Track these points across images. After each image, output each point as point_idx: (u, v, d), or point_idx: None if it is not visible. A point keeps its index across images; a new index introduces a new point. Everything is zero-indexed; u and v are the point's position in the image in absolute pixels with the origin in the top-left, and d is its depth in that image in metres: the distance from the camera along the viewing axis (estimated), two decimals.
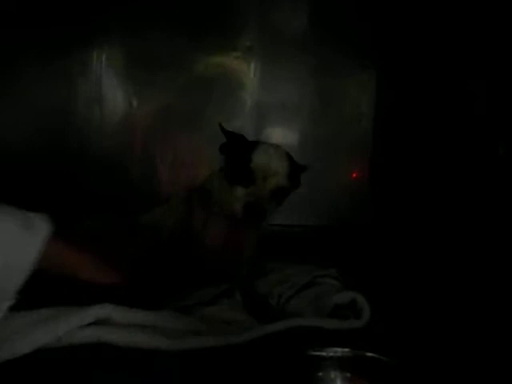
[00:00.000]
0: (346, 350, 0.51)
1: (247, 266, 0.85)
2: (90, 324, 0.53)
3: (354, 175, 1.21)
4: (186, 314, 0.65)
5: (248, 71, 1.21)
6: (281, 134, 1.24)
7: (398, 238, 0.96)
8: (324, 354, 0.52)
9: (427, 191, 0.91)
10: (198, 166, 1.20)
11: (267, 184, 0.75)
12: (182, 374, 0.49)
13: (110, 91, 1.20)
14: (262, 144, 0.80)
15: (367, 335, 0.58)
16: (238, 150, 0.80)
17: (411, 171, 1.00)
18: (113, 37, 1.19)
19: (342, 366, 0.50)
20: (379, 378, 0.49)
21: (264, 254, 0.87)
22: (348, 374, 0.49)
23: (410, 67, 1.05)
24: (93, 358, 0.51)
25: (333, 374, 0.50)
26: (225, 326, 0.64)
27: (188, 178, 1.14)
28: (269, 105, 1.22)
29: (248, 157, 0.77)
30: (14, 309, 0.53)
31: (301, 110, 1.23)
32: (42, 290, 0.56)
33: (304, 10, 1.19)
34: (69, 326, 0.52)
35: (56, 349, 0.51)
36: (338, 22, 1.18)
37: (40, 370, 0.48)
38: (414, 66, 1.04)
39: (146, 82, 1.20)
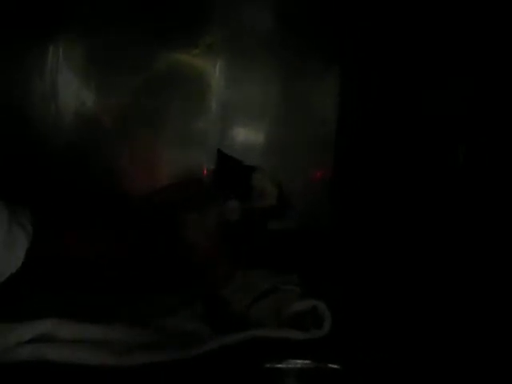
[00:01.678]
0: (307, 361, 0.49)
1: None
2: (30, 340, 0.49)
3: (318, 176, 1.20)
4: (143, 325, 0.62)
5: (212, 70, 1.18)
6: (244, 135, 1.21)
7: (359, 242, 0.95)
8: (284, 366, 0.50)
9: (390, 195, 0.91)
10: (158, 165, 1.17)
11: (262, 201, 0.82)
12: None
13: (66, 88, 1.14)
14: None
15: (329, 345, 0.56)
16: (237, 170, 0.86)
17: (374, 174, 1.00)
18: (70, 32, 1.13)
19: (302, 379, 0.48)
20: None
21: None
22: None
23: (375, 69, 1.05)
24: (32, 378, 0.46)
25: None
26: (185, 338, 0.60)
27: (147, 177, 1.12)
28: (233, 105, 1.19)
29: (249, 175, 0.84)
30: None
31: (265, 111, 1.21)
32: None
33: (269, 9, 1.16)
34: (6, 343, 0.48)
35: None
36: (304, 21, 1.16)
37: None
38: (379, 68, 1.04)
39: (104, 79, 1.15)
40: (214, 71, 1.17)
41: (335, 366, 0.48)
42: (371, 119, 1.04)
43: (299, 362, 0.49)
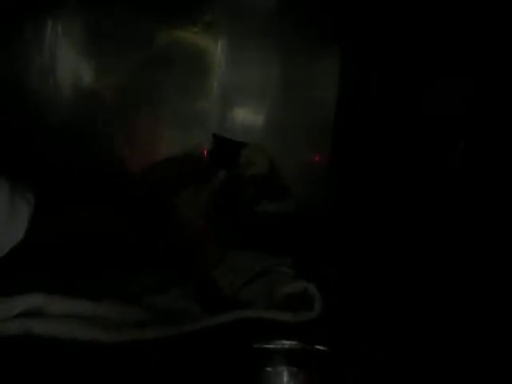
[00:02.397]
0: (294, 342, 0.49)
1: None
2: (19, 315, 0.49)
3: (315, 159, 1.19)
4: (133, 302, 0.62)
5: (212, 50, 1.16)
6: (244, 115, 1.20)
7: (354, 227, 0.95)
8: (272, 346, 0.50)
9: (387, 182, 0.90)
10: (156, 144, 1.16)
11: (250, 169, 0.82)
12: (121, 367, 0.46)
13: (64, 63, 1.13)
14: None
15: (319, 327, 0.56)
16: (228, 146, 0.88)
17: (372, 160, 0.99)
18: (69, 7, 1.12)
19: (290, 360, 0.48)
20: (327, 371, 0.47)
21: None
22: (295, 369, 0.47)
23: (375, 51, 1.03)
24: (21, 351, 0.47)
25: (280, 369, 0.48)
26: (175, 316, 0.60)
27: (145, 156, 1.11)
28: (233, 85, 1.18)
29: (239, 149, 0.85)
30: None
31: (265, 92, 1.19)
32: None
33: None
34: None
35: None
36: (305, 2, 1.14)
37: None
38: (379, 51, 1.02)
39: (103, 55, 1.13)
40: (215, 50, 1.16)
41: (323, 348, 0.48)
42: (371, 103, 1.03)
43: (287, 343, 0.49)
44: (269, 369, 0.48)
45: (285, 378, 0.47)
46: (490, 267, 0.65)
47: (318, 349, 0.48)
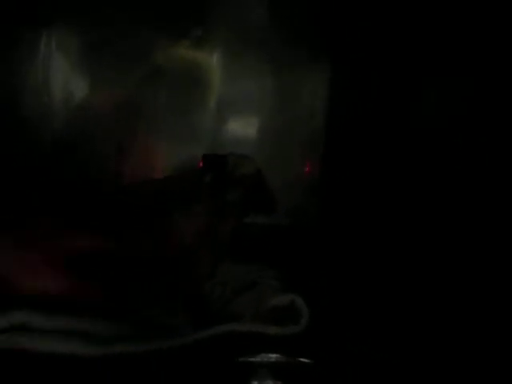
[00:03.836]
0: (279, 356, 0.49)
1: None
2: (4, 330, 0.49)
3: (306, 170, 1.21)
4: (118, 316, 0.62)
5: (205, 63, 1.18)
6: (236, 127, 1.21)
7: (344, 240, 0.96)
8: (257, 360, 0.50)
9: (378, 195, 0.90)
10: (151, 158, 1.17)
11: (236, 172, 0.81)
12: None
13: (59, 79, 1.14)
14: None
15: (305, 340, 0.56)
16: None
17: (363, 171, 0.99)
18: (63, 20, 1.13)
19: (275, 373, 0.48)
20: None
21: None
22: (279, 382, 0.47)
23: (366, 62, 1.04)
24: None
25: (265, 383, 0.48)
26: (162, 331, 0.60)
27: (139, 169, 1.13)
28: (226, 98, 1.20)
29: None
30: None
31: (258, 104, 1.21)
32: None
33: (261, 3, 1.17)
34: None
35: None
36: (296, 15, 1.16)
37: None
38: (371, 62, 1.03)
39: (97, 69, 1.15)
40: (209, 64, 1.18)
41: (307, 361, 0.48)
42: (361, 114, 1.04)
43: (273, 356, 0.49)
44: (254, 382, 0.48)
45: None
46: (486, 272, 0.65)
47: (303, 362, 0.48)
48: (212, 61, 1.18)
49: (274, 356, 0.50)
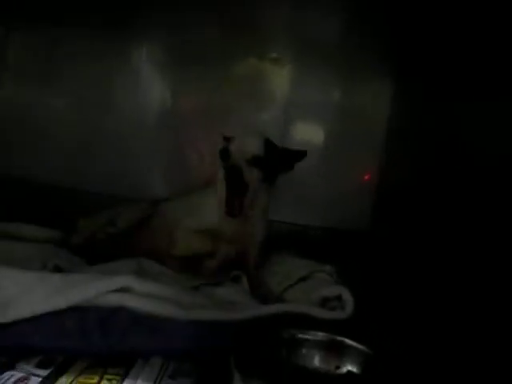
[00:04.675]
0: (325, 334, 0.60)
1: (255, 255, 0.96)
2: (115, 290, 0.64)
3: (365, 177, 1.28)
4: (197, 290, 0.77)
5: (277, 74, 1.29)
6: (302, 133, 1.31)
7: (397, 246, 1.02)
8: (308, 336, 0.61)
9: (433, 205, 0.93)
10: None
11: (242, 155, 0.88)
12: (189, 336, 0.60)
13: (148, 85, 1.29)
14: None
15: (350, 326, 0.67)
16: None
17: (420, 183, 1.02)
18: (152, 34, 1.29)
19: (320, 347, 0.60)
20: (351, 360, 0.59)
21: (273, 247, 0.98)
22: (323, 353, 0.59)
23: (429, 80, 1.08)
24: (115, 317, 0.61)
25: (312, 352, 0.60)
26: (229, 305, 0.74)
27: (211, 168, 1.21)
28: (294, 105, 1.30)
29: (227, 146, 0.91)
30: None
31: (322, 112, 1.30)
32: None
33: (331, 23, 1.26)
34: (97, 291, 0.63)
35: (86, 307, 0.62)
36: (364, 34, 1.24)
37: (73, 323, 0.60)
38: (433, 81, 1.06)
39: (181, 77, 1.29)
40: (279, 75, 1.28)
41: (346, 340, 0.59)
42: (420, 128, 1.07)
43: (319, 334, 0.60)
44: (305, 351, 0.59)
45: (316, 360, 0.59)
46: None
47: (339, 339, 0.59)
48: (286, 72, 1.28)
49: (320, 334, 0.61)
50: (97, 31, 1.27)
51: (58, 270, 0.76)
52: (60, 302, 0.60)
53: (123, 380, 0.54)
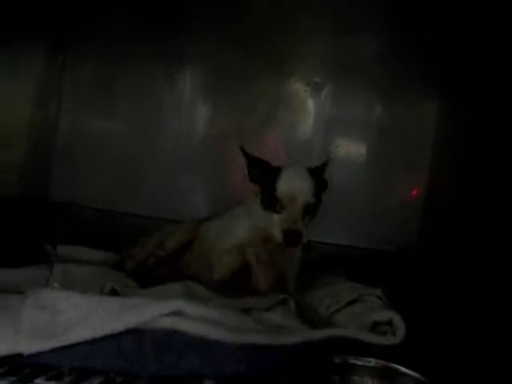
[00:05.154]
0: (378, 361, 0.60)
1: (293, 279, 0.95)
2: (169, 313, 0.66)
3: (411, 195, 1.27)
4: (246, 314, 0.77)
5: (318, 95, 1.31)
6: (344, 152, 1.31)
7: (443, 266, 1.00)
8: (360, 362, 0.61)
9: (481, 226, 0.90)
10: None
11: (296, 206, 0.85)
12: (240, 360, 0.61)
13: (191, 103, 1.34)
14: (285, 170, 0.90)
15: (401, 351, 0.66)
16: (265, 179, 0.91)
17: (467, 203, 1.00)
18: (195, 57, 1.34)
19: (373, 374, 0.59)
20: None
21: (318, 269, 0.98)
22: (376, 381, 0.58)
23: (475, 99, 1.06)
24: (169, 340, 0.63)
25: (365, 379, 0.59)
26: (278, 329, 0.75)
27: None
28: (336, 122, 1.31)
29: (273, 186, 0.87)
30: None
31: (366, 130, 1.31)
32: None
33: (372, 44, 1.27)
34: (153, 314, 0.65)
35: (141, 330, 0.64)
36: (407, 54, 1.25)
37: (129, 345, 0.62)
38: (477, 100, 1.05)
39: (224, 99, 1.34)
40: (320, 96, 1.30)
41: (399, 367, 0.58)
42: (463, 149, 1.06)
43: (372, 361, 0.60)
44: (357, 378, 0.59)
45: None
46: None
47: (394, 367, 0.59)
48: (328, 92, 1.30)
49: (373, 360, 0.60)
50: (146, 61, 1.33)
51: (114, 292, 0.79)
52: (118, 325, 0.62)
53: None
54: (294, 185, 0.87)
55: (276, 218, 0.87)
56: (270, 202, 0.88)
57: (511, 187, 0.82)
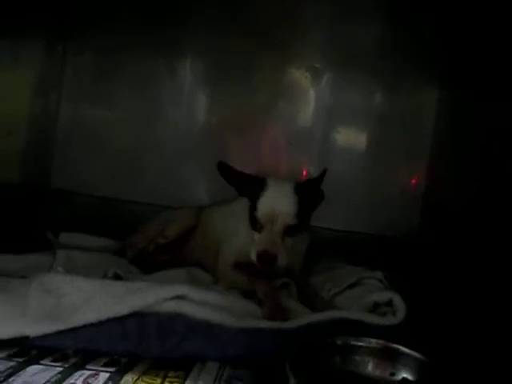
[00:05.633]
0: (379, 341, 0.61)
1: (299, 267, 0.94)
2: (172, 297, 0.67)
3: (411, 183, 1.27)
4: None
5: (318, 83, 1.31)
6: (345, 139, 1.31)
7: (444, 251, 1.00)
8: (361, 343, 0.62)
9: (481, 212, 0.90)
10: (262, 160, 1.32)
11: (275, 227, 0.81)
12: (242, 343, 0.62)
13: (192, 92, 1.33)
14: (269, 187, 0.85)
15: (401, 331, 0.67)
16: (251, 193, 0.87)
17: (467, 190, 0.99)
18: (195, 46, 1.33)
19: (374, 354, 0.60)
20: (404, 367, 0.59)
21: (319, 254, 0.99)
22: (377, 360, 0.59)
23: (475, 88, 1.07)
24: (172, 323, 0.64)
25: (366, 359, 0.60)
26: None
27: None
28: (335, 113, 1.31)
29: (254, 205, 0.84)
30: None
31: (366, 119, 1.30)
32: None
33: (372, 32, 1.26)
34: (156, 297, 0.66)
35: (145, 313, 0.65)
36: (408, 43, 1.24)
37: (133, 328, 0.63)
38: (479, 88, 1.05)
39: (224, 88, 1.33)
40: (320, 83, 1.30)
41: (399, 347, 0.59)
42: (466, 137, 1.06)
43: (373, 341, 0.61)
44: (358, 358, 0.60)
45: (370, 367, 0.60)
46: None
47: (394, 347, 0.59)
48: (326, 81, 1.30)
49: (374, 341, 0.61)
50: (147, 51, 1.32)
51: (117, 277, 0.80)
52: (122, 309, 0.63)
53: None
54: (274, 206, 0.82)
55: (256, 236, 0.84)
56: (252, 220, 0.85)
57: (510, 175, 0.84)
